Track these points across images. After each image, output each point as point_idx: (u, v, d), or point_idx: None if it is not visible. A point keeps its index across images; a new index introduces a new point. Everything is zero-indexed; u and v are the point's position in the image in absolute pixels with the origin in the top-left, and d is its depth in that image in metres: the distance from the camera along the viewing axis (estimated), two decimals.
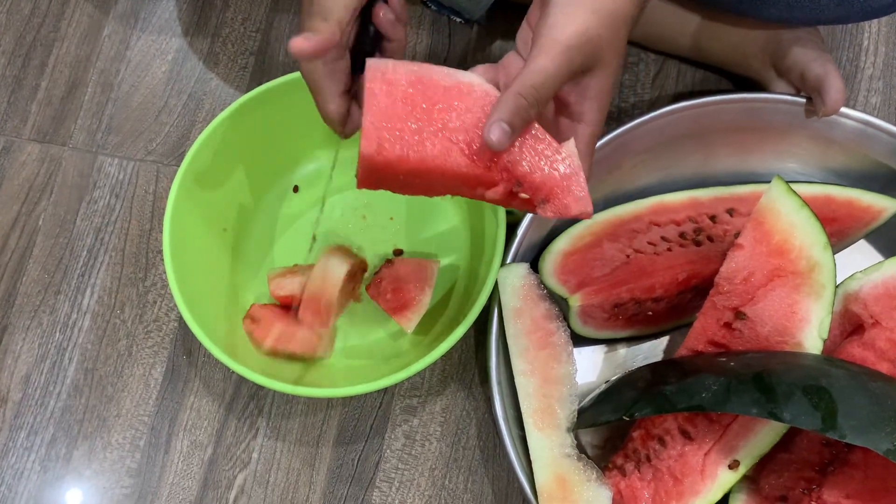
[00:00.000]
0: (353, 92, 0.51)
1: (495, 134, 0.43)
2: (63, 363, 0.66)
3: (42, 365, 0.66)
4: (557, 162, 0.44)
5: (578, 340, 0.62)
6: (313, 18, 0.47)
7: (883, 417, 0.45)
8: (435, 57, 0.74)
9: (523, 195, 0.45)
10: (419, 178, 0.46)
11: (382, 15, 0.49)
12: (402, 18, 0.50)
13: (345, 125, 0.51)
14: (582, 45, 0.44)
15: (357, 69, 0.50)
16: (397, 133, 0.44)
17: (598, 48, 0.44)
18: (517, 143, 0.44)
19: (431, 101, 0.45)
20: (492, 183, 0.45)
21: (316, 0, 0.47)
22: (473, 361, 0.65)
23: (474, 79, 0.46)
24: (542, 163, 0.44)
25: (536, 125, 0.45)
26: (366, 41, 0.50)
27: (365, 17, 0.49)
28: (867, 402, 0.46)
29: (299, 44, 0.45)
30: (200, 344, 0.63)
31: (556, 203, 0.44)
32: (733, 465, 0.52)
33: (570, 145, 0.45)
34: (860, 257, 0.63)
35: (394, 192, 0.48)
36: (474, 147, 0.44)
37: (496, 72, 0.49)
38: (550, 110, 0.48)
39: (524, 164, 0.44)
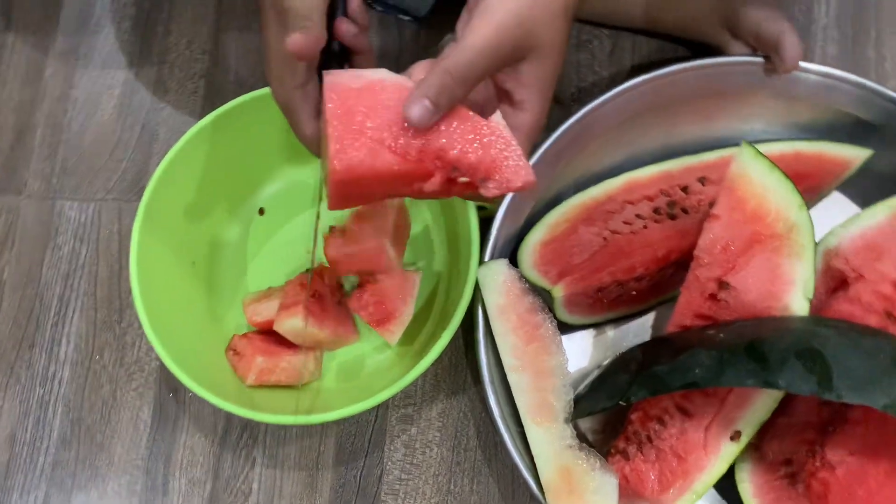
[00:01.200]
0: None
1: (415, 111, 0.42)
2: (47, 417, 0.65)
3: (26, 421, 0.65)
4: (488, 138, 0.43)
5: (566, 327, 0.61)
6: (296, 21, 0.44)
7: (877, 373, 0.45)
8: (387, 57, 0.72)
9: (462, 179, 0.44)
10: (357, 187, 0.45)
11: (345, 29, 0.47)
12: (363, 26, 0.49)
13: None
14: (513, 26, 0.43)
15: None
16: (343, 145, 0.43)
17: (531, 32, 0.44)
18: (444, 128, 0.43)
19: (346, 106, 0.43)
20: (427, 175, 0.44)
21: (290, 9, 0.44)
22: (464, 363, 0.64)
23: (384, 74, 0.45)
24: (474, 142, 0.43)
25: (461, 106, 0.44)
26: (333, 59, 0.49)
27: (329, 35, 0.48)
28: (860, 359, 0.46)
29: (298, 39, 0.43)
30: None
31: (497, 179, 0.43)
32: (735, 437, 0.51)
33: (497, 117, 0.44)
34: (835, 209, 0.63)
35: (352, 206, 0.47)
36: (400, 142, 0.43)
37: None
38: (493, 98, 0.47)
39: (455, 147, 0.43)
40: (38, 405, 0.65)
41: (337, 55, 0.48)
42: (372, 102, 0.44)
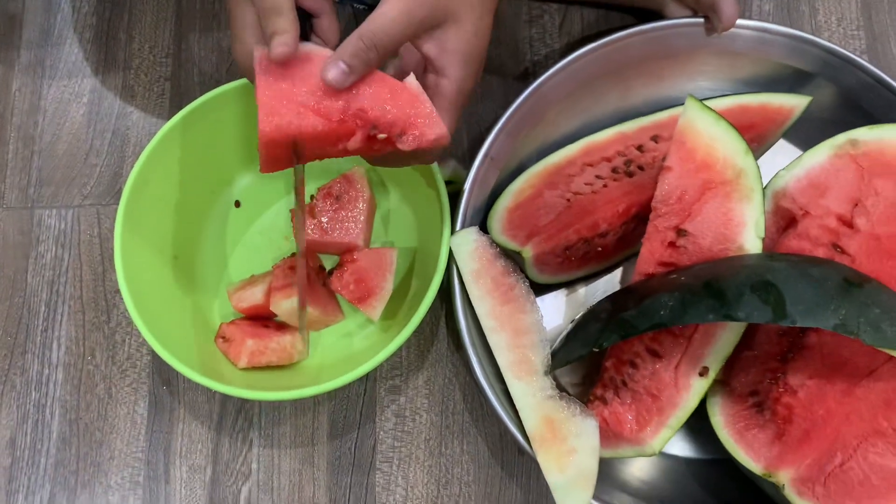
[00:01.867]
0: None
1: (332, 72, 0.46)
2: (45, 419, 0.66)
3: (25, 426, 0.66)
4: (402, 97, 0.48)
5: (539, 289, 0.64)
6: (270, 19, 0.48)
7: (826, 297, 0.48)
8: None
9: (381, 135, 0.49)
10: (286, 149, 0.50)
11: None
12: None
13: None
14: None
15: None
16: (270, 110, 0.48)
17: (447, 2, 0.47)
18: (363, 90, 0.48)
19: (274, 75, 0.48)
20: (350, 133, 0.49)
21: (259, 2, 0.48)
22: (445, 331, 0.67)
23: (310, 47, 0.49)
24: (390, 102, 0.48)
25: (377, 71, 0.48)
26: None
27: None
28: (810, 286, 0.49)
29: (283, 51, 0.47)
30: (178, 372, 0.64)
31: (412, 133, 0.48)
32: (703, 372, 0.55)
33: (411, 79, 0.49)
34: (782, 157, 0.66)
35: (281, 169, 0.52)
36: (323, 105, 0.48)
37: None
38: (418, 66, 0.51)
39: (373, 107, 0.48)
40: (35, 409, 0.67)
41: (300, 18, 0.51)
42: (298, 71, 0.48)
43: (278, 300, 0.61)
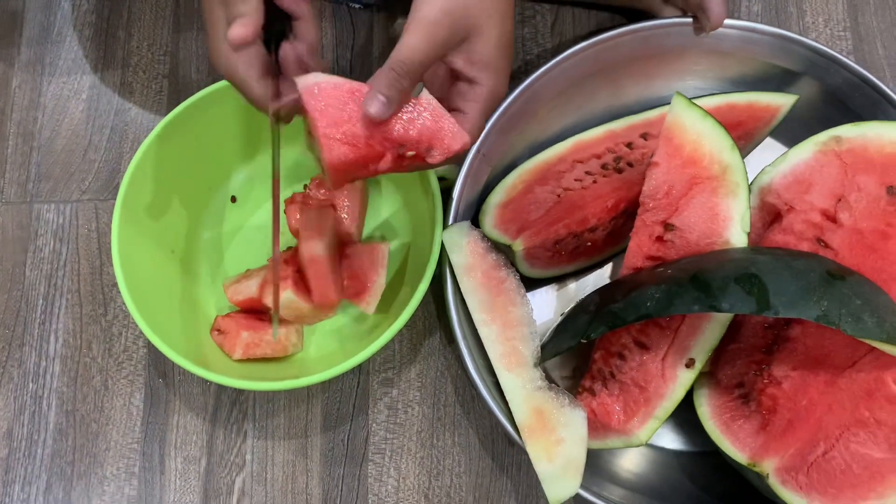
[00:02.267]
0: (275, 74, 0.53)
1: (374, 106, 0.48)
2: (42, 411, 0.67)
3: (22, 417, 0.67)
4: (423, 114, 0.50)
5: (530, 284, 0.65)
6: (234, 5, 0.49)
7: (809, 289, 0.49)
8: (342, 45, 0.76)
9: (410, 153, 0.50)
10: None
11: None
12: None
13: (277, 105, 0.53)
14: (445, 18, 0.48)
15: (270, 49, 0.53)
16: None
17: (464, 18, 0.49)
18: None
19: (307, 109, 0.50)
20: (379, 157, 0.50)
21: None
22: (438, 325, 0.68)
23: (321, 77, 0.50)
24: (413, 120, 0.50)
25: None
26: (274, 23, 0.53)
27: (268, 2, 0.52)
28: (793, 279, 0.50)
29: (238, 31, 0.49)
30: (174, 364, 0.66)
31: (439, 147, 0.50)
32: (690, 364, 0.56)
33: (425, 94, 0.50)
34: (770, 154, 0.67)
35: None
36: (351, 134, 0.49)
37: None
38: (444, 80, 0.53)
39: (398, 127, 0.50)
40: (32, 400, 0.68)
41: (278, 19, 0.52)
42: (317, 104, 0.50)
43: (269, 293, 0.62)
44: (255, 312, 0.66)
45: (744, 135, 0.65)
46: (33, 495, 0.65)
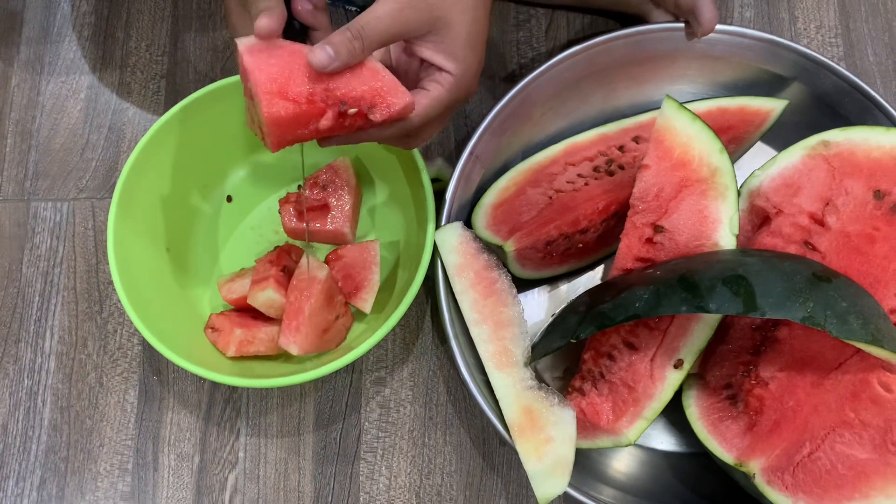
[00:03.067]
0: None
1: (318, 55, 0.48)
2: (37, 407, 0.68)
3: (17, 413, 0.68)
4: (366, 73, 0.51)
5: (522, 285, 0.66)
6: (257, 2, 0.50)
7: (795, 291, 0.50)
8: None
9: (351, 110, 0.51)
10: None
11: (301, 8, 0.53)
12: (319, 6, 0.54)
13: None
14: (418, 2, 0.49)
15: None
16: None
17: (439, 10, 0.50)
18: (327, 73, 0.50)
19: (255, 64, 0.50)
20: (320, 113, 0.50)
21: None
22: (430, 326, 0.69)
23: (276, 41, 0.51)
24: (355, 77, 0.50)
25: None
26: (291, 36, 0.53)
27: (289, 14, 0.53)
28: (780, 280, 0.51)
29: (265, 23, 0.50)
30: (168, 362, 0.66)
31: (381, 105, 0.51)
32: (678, 365, 0.56)
33: (372, 59, 0.51)
34: (760, 158, 0.67)
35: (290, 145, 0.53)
36: (291, 90, 0.49)
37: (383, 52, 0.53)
38: (417, 70, 0.54)
39: (342, 86, 0.50)
40: (27, 396, 0.68)
41: (298, 32, 0.53)
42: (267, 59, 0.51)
43: (255, 292, 0.63)
44: (250, 310, 0.67)
45: (734, 139, 0.65)
46: (27, 490, 0.66)
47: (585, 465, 0.61)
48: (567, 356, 0.65)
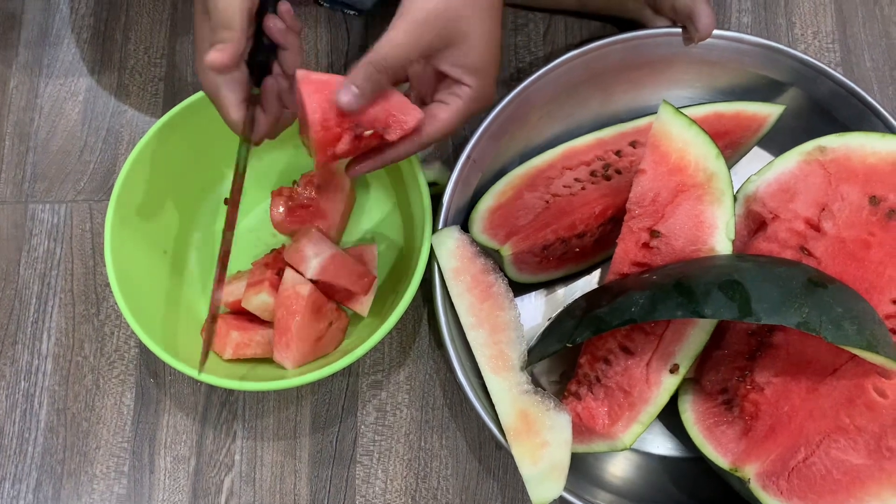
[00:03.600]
0: (255, 100, 0.54)
1: (345, 97, 0.49)
2: (34, 409, 0.68)
3: (13, 415, 0.68)
4: (378, 96, 0.51)
5: (519, 289, 0.66)
6: (217, 31, 0.50)
7: (790, 296, 0.50)
8: (337, 51, 0.77)
9: (367, 132, 0.52)
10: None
11: (272, 25, 0.53)
12: (292, 27, 0.54)
13: (251, 131, 0.55)
14: (433, 21, 0.49)
15: (256, 80, 0.54)
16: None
17: (454, 23, 0.50)
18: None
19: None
20: (336, 139, 0.52)
21: (213, 14, 0.50)
22: (427, 328, 0.69)
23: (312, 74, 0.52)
24: (370, 102, 0.51)
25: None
26: (261, 52, 0.53)
27: (258, 30, 0.53)
28: (775, 285, 0.51)
29: (216, 57, 0.49)
30: (165, 364, 0.66)
31: (395, 124, 0.52)
32: (674, 369, 0.56)
33: None
34: (757, 164, 0.67)
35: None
36: (315, 120, 0.51)
37: None
38: (432, 80, 0.54)
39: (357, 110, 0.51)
40: (23, 398, 0.68)
41: (265, 49, 0.53)
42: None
43: (249, 296, 0.63)
44: (246, 313, 0.67)
45: (731, 144, 0.66)
46: (23, 493, 0.66)
47: (581, 469, 0.61)
48: (563, 360, 0.65)
